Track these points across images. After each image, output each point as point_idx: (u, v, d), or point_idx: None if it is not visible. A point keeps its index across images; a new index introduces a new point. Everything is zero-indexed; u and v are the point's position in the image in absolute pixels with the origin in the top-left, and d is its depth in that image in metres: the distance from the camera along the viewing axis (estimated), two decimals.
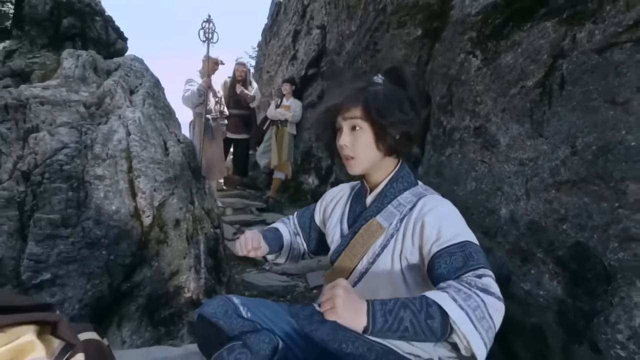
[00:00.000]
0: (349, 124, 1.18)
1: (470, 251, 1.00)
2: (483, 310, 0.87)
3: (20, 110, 2.37)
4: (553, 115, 1.84)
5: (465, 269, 0.97)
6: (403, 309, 0.88)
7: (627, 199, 1.47)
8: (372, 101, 1.15)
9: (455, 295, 0.88)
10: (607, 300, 1.51)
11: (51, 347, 0.85)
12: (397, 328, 0.86)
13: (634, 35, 1.52)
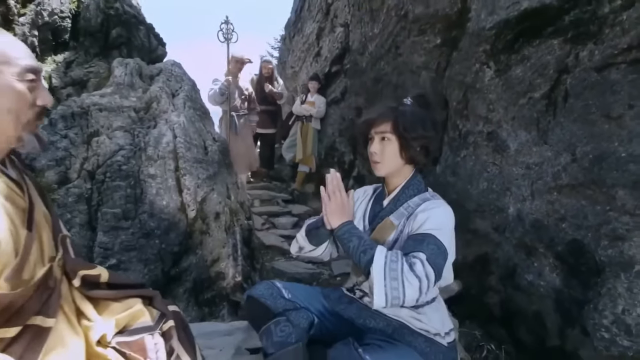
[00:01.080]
0: (380, 135, 1.44)
1: (425, 241, 1.26)
2: (399, 275, 1.17)
3: (83, 117, 2.71)
4: (557, 125, 2.04)
5: (412, 249, 1.25)
6: (357, 239, 1.31)
7: (616, 203, 1.69)
8: (400, 118, 1.40)
9: (388, 255, 1.22)
10: (596, 291, 1.73)
11: (152, 315, 1.16)
12: (347, 244, 1.32)
13: (627, 58, 1.71)
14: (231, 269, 2.88)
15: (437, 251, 1.24)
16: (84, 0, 3.36)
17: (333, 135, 5.70)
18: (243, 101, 5.13)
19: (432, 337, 1.35)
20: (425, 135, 1.41)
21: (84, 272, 1.12)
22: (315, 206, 5.61)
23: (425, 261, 1.19)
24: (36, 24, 3.04)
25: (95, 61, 3.36)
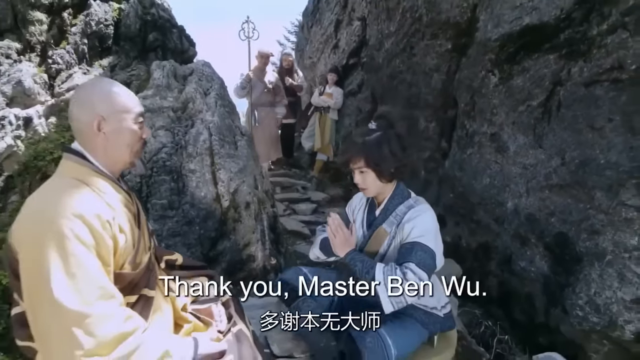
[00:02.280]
0: (358, 170, 1.74)
1: (413, 250, 1.58)
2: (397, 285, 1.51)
3: None
4: (550, 131, 2.31)
5: (402, 259, 1.58)
6: (360, 262, 1.62)
7: (594, 202, 1.98)
8: (369, 153, 1.67)
9: (385, 271, 1.55)
10: (576, 277, 2.04)
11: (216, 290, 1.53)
12: (353, 268, 1.64)
13: (610, 77, 1.97)
14: (260, 253, 3.25)
15: (424, 255, 1.56)
16: (125, 9, 3.69)
17: (350, 126, 5.98)
18: (267, 93, 5.43)
19: (430, 310, 1.69)
20: (395, 159, 1.69)
21: (167, 257, 1.50)
22: (333, 193, 5.95)
23: (416, 267, 1.52)
24: (85, 32, 3.39)
25: (135, 64, 3.70)
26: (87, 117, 1.14)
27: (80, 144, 1.17)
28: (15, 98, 2.88)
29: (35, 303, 0.97)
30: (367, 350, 1.52)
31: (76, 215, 1.00)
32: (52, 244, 0.96)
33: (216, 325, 1.40)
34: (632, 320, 1.74)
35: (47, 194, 1.07)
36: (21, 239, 1.02)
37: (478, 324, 2.71)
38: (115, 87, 1.22)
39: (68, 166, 1.15)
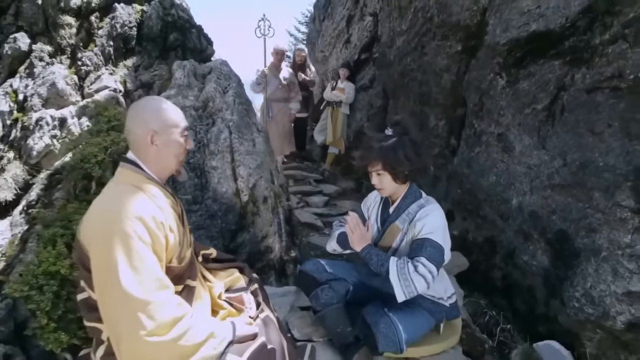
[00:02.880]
0: (375, 172, 1.91)
1: (424, 245, 1.74)
2: (408, 277, 1.69)
3: None
4: (554, 134, 2.45)
5: (414, 254, 1.76)
6: (376, 256, 1.81)
7: (592, 202, 2.12)
8: (385, 157, 1.85)
9: (398, 264, 1.73)
10: (573, 271, 2.20)
11: (245, 280, 1.72)
12: (369, 261, 1.81)
13: (610, 85, 2.09)
14: (277, 244, 3.44)
15: (434, 250, 1.73)
16: (147, 11, 3.86)
17: (361, 120, 6.12)
18: (282, 90, 5.60)
19: (437, 300, 1.87)
20: (409, 162, 1.86)
21: (203, 252, 1.69)
22: (344, 186, 6.12)
23: (426, 261, 1.70)
24: (111, 35, 3.57)
25: (157, 64, 3.88)
26: (142, 132, 1.32)
27: (135, 154, 1.35)
28: (49, 99, 3.07)
29: (106, 292, 1.17)
30: (381, 335, 1.70)
31: (137, 218, 1.19)
32: (118, 242, 1.15)
33: (247, 312, 1.59)
34: (623, 312, 1.90)
35: (110, 198, 1.26)
36: (91, 238, 1.21)
37: (483, 313, 2.88)
38: (164, 104, 1.40)
39: (125, 174, 1.34)
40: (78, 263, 1.29)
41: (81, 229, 1.26)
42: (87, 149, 1.96)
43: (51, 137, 2.83)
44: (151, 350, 1.14)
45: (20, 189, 2.72)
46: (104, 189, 1.34)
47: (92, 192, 2.14)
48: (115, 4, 3.61)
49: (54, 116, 2.88)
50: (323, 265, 2.12)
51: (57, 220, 1.93)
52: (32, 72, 3.20)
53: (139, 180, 1.32)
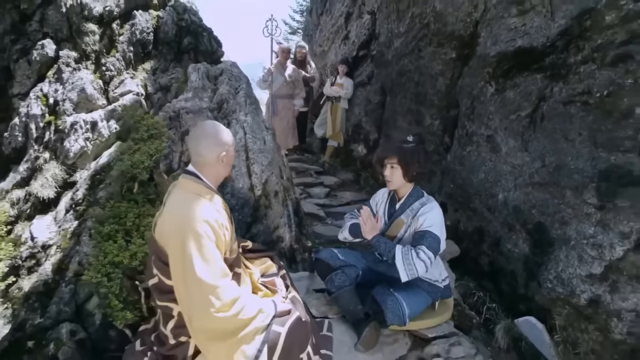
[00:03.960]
0: (390, 164, 2.28)
1: (425, 236, 2.11)
2: (411, 261, 2.05)
3: (176, 119, 3.55)
4: (535, 139, 2.80)
5: (416, 243, 2.13)
6: (384, 244, 2.16)
7: (565, 199, 2.49)
8: (403, 155, 2.22)
9: (403, 251, 2.09)
10: (548, 257, 2.58)
11: (275, 267, 2.08)
12: (378, 248, 2.16)
13: (581, 99, 2.44)
14: (287, 234, 3.79)
15: (432, 240, 2.10)
16: (162, 16, 4.10)
17: (359, 115, 6.44)
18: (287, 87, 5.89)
19: (433, 282, 2.25)
20: (419, 166, 2.27)
21: (242, 244, 2.03)
22: (343, 177, 6.46)
23: (426, 249, 2.07)
24: (131, 41, 3.83)
25: (172, 67, 4.14)
26: (213, 154, 1.67)
27: (197, 168, 1.69)
28: (79, 103, 3.36)
29: (183, 279, 1.51)
30: (388, 310, 2.08)
31: (205, 221, 1.53)
32: (192, 240, 1.49)
33: (280, 293, 1.95)
34: (585, 291, 2.29)
35: (181, 205, 1.59)
36: (168, 238, 1.55)
37: (472, 294, 3.27)
38: (221, 127, 1.75)
39: (187, 184, 1.67)
40: (154, 256, 1.62)
41: (157, 229, 1.60)
42: (135, 156, 2.28)
43: (85, 139, 3.12)
44: (218, 323, 1.49)
45: (59, 187, 3.02)
46: (170, 196, 1.68)
47: (135, 192, 2.46)
48: (134, 12, 3.85)
49: (86, 120, 3.17)
50: (336, 253, 2.49)
51: (109, 217, 2.26)
52: (61, 77, 3.46)
53: (200, 189, 1.66)
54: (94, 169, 2.90)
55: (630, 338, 2.11)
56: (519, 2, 2.91)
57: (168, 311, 1.65)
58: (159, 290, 1.64)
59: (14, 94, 3.61)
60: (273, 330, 1.61)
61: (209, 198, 1.65)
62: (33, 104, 3.45)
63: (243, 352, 1.52)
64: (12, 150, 3.46)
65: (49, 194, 2.96)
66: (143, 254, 2.02)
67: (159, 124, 2.79)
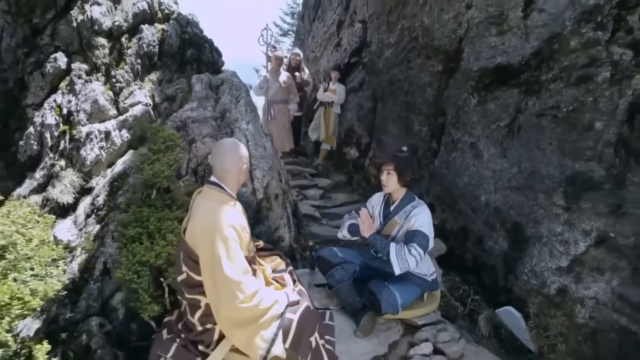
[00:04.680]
0: (386, 170, 2.58)
1: (416, 235, 2.42)
2: (404, 257, 2.36)
3: (183, 128, 3.80)
4: (512, 147, 3.12)
5: (408, 241, 2.42)
6: (380, 241, 2.48)
7: (538, 201, 2.82)
8: (399, 163, 2.53)
9: (397, 247, 2.39)
10: (524, 253, 2.90)
11: (284, 263, 2.35)
12: (374, 244, 2.47)
13: (551, 113, 2.76)
14: (287, 234, 4.06)
15: (422, 239, 2.41)
16: (167, 30, 4.34)
17: (352, 120, 6.73)
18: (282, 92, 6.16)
19: (422, 276, 2.55)
20: (412, 174, 2.60)
21: (255, 243, 2.31)
22: (337, 179, 6.74)
23: (417, 246, 2.37)
24: (139, 54, 4.06)
25: (176, 77, 4.37)
26: (236, 167, 1.95)
27: (218, 179, 1.96)
28: (92, 114, 3.58)
29: (211, 276, 1.77)
30: (383, 300, 2.37)
31: (230, 225, 1.80)
32: (220, 243, 1.76)
33: (289, 286, 2.22)
34: (555, 282, 2.62)
35: (209, 212, 1.86)
36: (198, 240, 1.81)
37: (457, 287, 3.59)
38: (240, 144, 2.02)
39: (212, 193, 1.95)
40: (183, 255, 1.89)
41: (187, 233, 1.87)
42: (156, 166, 2.53)
43: (99, 148, 3.35)
44: (242, 313, 1.76)
45: (77, 193, 3.26)
46: (197, 204, 1.94)
47: (153, 198, 2.71)
48: (141, 26, 4.08)
49: (100, 130, 3.40)
50: (335, 251, 2.78)
51: (132, 221, 2.51)
52: (73, 88, 3.68)
53: (224, 198, 1.93)
54: (111, 177, 3.14)
55: (591, 322, 2.43)
56: (498, 23, 3.23)
57: (196, 303, 1.91)
58: (187, 285, 1.91)
59: (27, 104, 3.82)
60: (287, 317, 1.89)
61: (232, 205, 1.93)
62: (47, 114, 3.66)
63: (262, 336, 1.79)
64: (27, 158, 3.67)
65: (68, 200, 3.19)
66: (166, 254, 2.27)
67: (174, 135, 3.04)
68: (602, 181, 2.41)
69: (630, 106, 2.31)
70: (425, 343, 2.41)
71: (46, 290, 1.57)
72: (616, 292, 2.33)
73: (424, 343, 2.41)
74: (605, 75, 2.41)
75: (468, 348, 2.44)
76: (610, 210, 2.37)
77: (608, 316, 2.36)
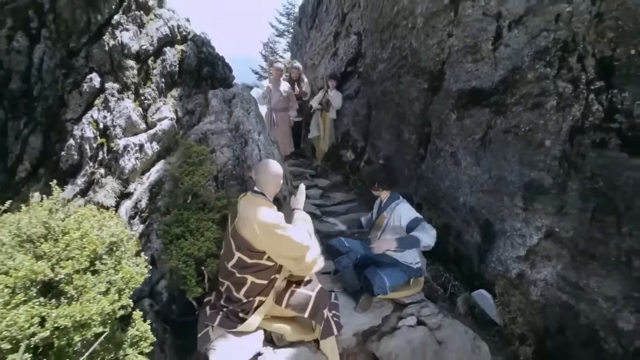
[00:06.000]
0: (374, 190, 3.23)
1: (415, 220, 3.08)
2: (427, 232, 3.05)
3: (204, 140, 4.37)
4: (484, 157, 3.75)
5: (416, 225, 3.09)
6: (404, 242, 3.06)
7: (503, 203, 3.45)
8: (372, 181, 3.21)
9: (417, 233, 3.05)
10: (492, 245, 3.54)
11: None
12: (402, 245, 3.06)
13: (514, 131, 3.38)
14: None
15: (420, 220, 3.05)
16: (186, 50, 4.91)
17: (348, 125, 7.33)
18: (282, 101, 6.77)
19: (408, 264, 3.19)
20: (385, 179, 3.28)
21: None
22: (334, 180, 7.35)
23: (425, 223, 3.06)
24: (163, 73, 4.62)
25: (194, 93, 4.95)
26: (275, 180, 2.62)
27: (260, 189, 2.57)
28: (127, 128, 4.16)
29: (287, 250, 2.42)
30: (375, 285, 3.00)
31: (277, 216, 2.43)
32: (278, 229, 2.39)
33: None
34: (515, 268, 3.26)
35: (260, 212, 2.45)
36: (255, 233, 2.40)
37: (440, 275, 4.23)
38: (277, 164, 2.63)
39: (257, 199, 2.56)
40: (238, 245, 2.47)
41: (241, 229, 2.45)
42: (195, 177, 3.12)
43: (135, 158, 3.94)
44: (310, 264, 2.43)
45: (118, 197, 3.84)
46: (244, 207, 2.53)
47: (188, 202, 3.30)
48: (164, 49, 4.65)
49: (135, 142, 3.97)
50: (343, 241, 3.40)
51: (174, 222, 3.10)
52: (108, 105, 4.24)
53: (267, 203, 2.55)
54: (149, 184, 3.72)
55: (542, 299, 3.08)
56: (473, 53, 3.84)
57: (243, 281, 2.51)
58: (239, 266, 2.50)
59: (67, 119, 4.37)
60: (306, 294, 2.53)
61: (274, 208, 2.56)
62: (86, 128, 4.22)
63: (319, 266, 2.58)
64: (68, 167, 4.23)
65: (111, 203, 3.77)
66: (206, 248, 2.87)
67: (205, 150, 3.62)
68: (550, 187, 3.04)
69: (570, 129, 2.94)
70: (410, 317, 3.04)
71: (143, 274, 2.14)
72: (560, 275, 2.98)
73: (409, 317, 3.04)
74: (552, 103, 3.04)
75: (445, 320, 3.08)
76: (556, 211, 3.00)
77: (554, 294, 3.01)
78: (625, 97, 2.60)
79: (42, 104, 4.47)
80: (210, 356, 2.39)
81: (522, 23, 3.30)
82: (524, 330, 3.18)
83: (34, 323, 1.53)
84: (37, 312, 1.56)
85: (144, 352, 1.98)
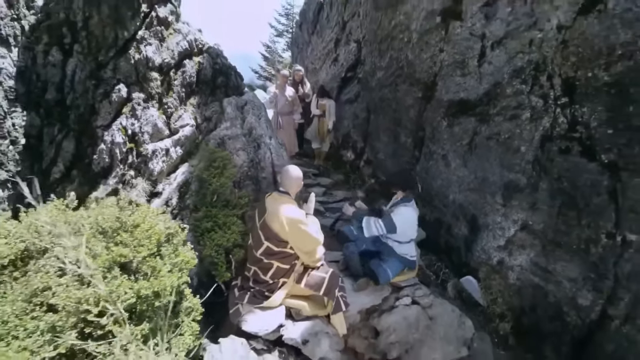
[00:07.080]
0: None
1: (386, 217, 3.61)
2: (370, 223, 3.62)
3: (222, 145, 4.87)
4: (471, 160, 4.27)
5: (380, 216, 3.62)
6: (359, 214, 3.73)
7: (486, 200, 3.98)
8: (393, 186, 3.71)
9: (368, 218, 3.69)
10: (478, 237, 4.08)
11: None
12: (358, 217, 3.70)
13: (495, 138, 3.91)
14: None
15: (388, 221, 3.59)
16: (202, 62, 5.40)
17: (348, 127, 7.85)
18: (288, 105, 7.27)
19: (405, 256, 3.72)
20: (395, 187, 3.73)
21: None
22: (336, 178, 7.86)
23: (381, 222, 3.61)
24: (183, 84, 5.11)
25: (210, 101, 5.45)
26: (297, 182, 3.15)
27: (285, 189, 3.08)
28: (153, 134, 4.66)
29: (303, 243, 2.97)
30: (380, 275, 3.55)
31: (300, 213, 2.94)
32: (301, 225, 2.92)
33: None
34: (496, 256, 3.80)
35: (286, 208, 2.97)
36: (283, 226, 2.91)
37: (433, 264, 4.77)
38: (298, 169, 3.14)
39: (283, 198, 3.07)
40: (266, 235, 2.99)
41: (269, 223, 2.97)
42: (222, 179, 3.63)
43: (162, 161, 4.44)
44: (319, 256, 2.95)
45: (148, 196, 4.34)
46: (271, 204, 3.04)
47: (214, 201, 3.81)
48: (184, 61, 5.14)
49: (162, 147, 4.47)
50: (352, 230, 3.93)
51: (204, 218, 3.61)
52: (135, 113, 4.73)
53: (291, 201, 3.07)
54: (177, 184, 4.23)
55: (518, 282, 3.62)
56: (461, 67, 4.36)
57: (269, 266, 3.03)
58: (267, 253, 3.02)
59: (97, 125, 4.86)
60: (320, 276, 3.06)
61: (298, 205, 3.08)
62: (116, 134, 4.72)
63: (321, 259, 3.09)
64: (100, 169, 4.73)
65: (143, 201, 4.27)
66: (233, 239, 3.38)
67: (228, 155, 4.13)
68: (524, 187, 3.58)
69: (541, 137, 3.47)
70: (406, 297, 3.58)
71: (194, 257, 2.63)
72: (533, 261, 3.52)
73: (405, 297, 3.58)
74: (527, 115, 3.57)
75: (435, 301, 3.61)
76: (529, 206, 3.54)
77: (528, 277, 3.55)
78: (584, 111, 3.13)
79: (74, 112, 4.95)
80: (242, 326, 2.92)
81: (502, 44, 3.82)
82: (504, 309, 3.73)
83: (126, 291, 2.05)
84: (127, 284, 2.07)
85: (195, 319, 2.50)
